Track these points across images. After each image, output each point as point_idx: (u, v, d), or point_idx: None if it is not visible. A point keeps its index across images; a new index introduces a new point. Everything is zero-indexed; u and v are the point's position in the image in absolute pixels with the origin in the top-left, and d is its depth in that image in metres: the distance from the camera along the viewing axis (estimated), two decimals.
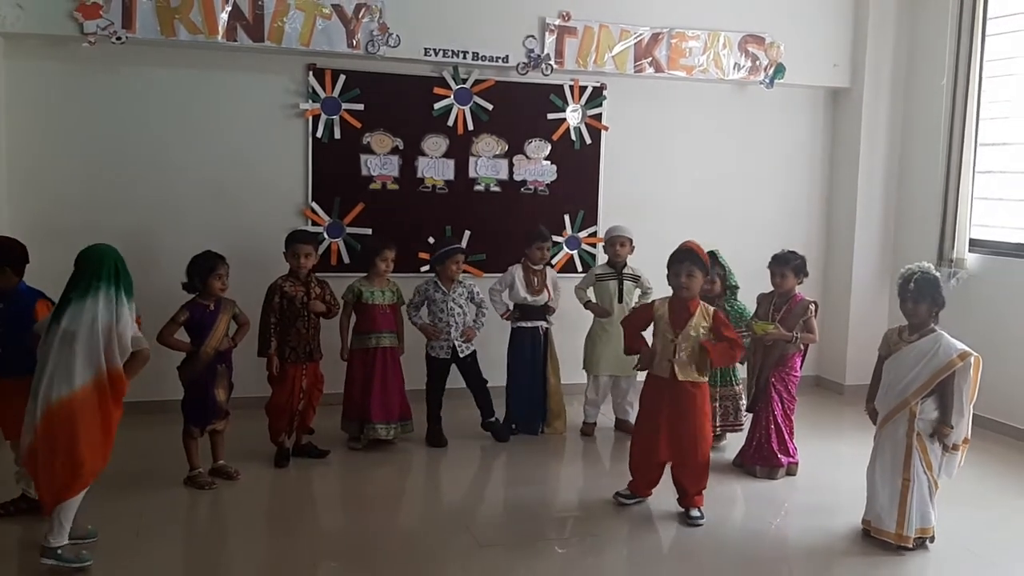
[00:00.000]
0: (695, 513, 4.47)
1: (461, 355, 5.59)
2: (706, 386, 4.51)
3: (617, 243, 5.77)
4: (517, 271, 5.75)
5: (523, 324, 5.73)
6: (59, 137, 5.75)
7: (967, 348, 4.06)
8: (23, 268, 4.26)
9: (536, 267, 5.76)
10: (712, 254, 5.40)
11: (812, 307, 5.07)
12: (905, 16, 6.98)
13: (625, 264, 5.81)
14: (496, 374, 5.80)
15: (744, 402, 5.42)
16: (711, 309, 4.46)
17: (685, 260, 4.39)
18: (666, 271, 4.47)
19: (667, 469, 4.60)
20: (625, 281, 5.77)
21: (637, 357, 4.69)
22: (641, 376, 5.74)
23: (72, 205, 5.76)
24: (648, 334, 4.64)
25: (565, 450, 5.68)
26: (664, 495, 4.66)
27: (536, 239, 5.72)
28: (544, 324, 5.80)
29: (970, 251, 6.37)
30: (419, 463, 5.37)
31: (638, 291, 5.85)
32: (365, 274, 5.47)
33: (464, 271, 6.40)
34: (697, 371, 4.42)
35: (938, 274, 4.18)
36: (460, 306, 5.58)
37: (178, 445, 4.78)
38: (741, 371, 5.45)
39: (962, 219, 6.38)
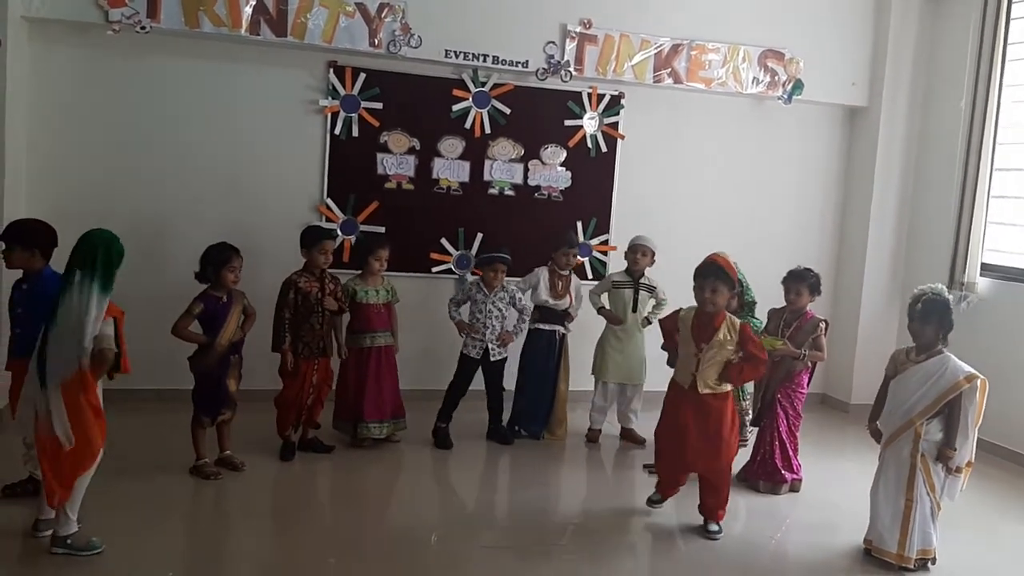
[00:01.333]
0: (713, 527, 4.46)
1: (492, 358, 5.62)
2: (730, 395, 4.45)
3: (639, 252, 5.77)
4: (543, 273, 5.76)
5: (541, 326, 5.74)
6: (79, 123, 5.79)
7: (974, 371, 4.06)
8: (51, 252, 4.29)
9: (562, 272, 5.78)
10: None
11: (823, 325, 5.07)
12: (925, 38, 6.99)
13: (643, 274, 5.81)
14: (508, 374, 5.81)
15: (750, 416, 5.43)
16: (737, 322, 4.39)
17: (710, 275, 4.30)
18: (692, 283, 4.40)
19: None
20: (641, 291, 5.78)
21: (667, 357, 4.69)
22: (647, 386, 5.80)
23: (88, 192, 5.79)
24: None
25: (569, 456, 5.68)
26: (664, 508, 4.69)
27: (565, 244, 5.75)
28: (561, 329, 5.82)
29: (981, 275, 6.37)
30: (422, 463, 5.38)
31: (652, 301, 5.86)
32: (361, 271, 5.45)
33: (474, 273, 6.46)
34: (719, 383, 4.38)
35: (949, 297, 4.18)
36: (500, 309, 5.60)
37: (183, 434, 4.81)
38: (748, 386, 5.46)
39: (975, 243, 6.38)
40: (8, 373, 4.30)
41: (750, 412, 5.41)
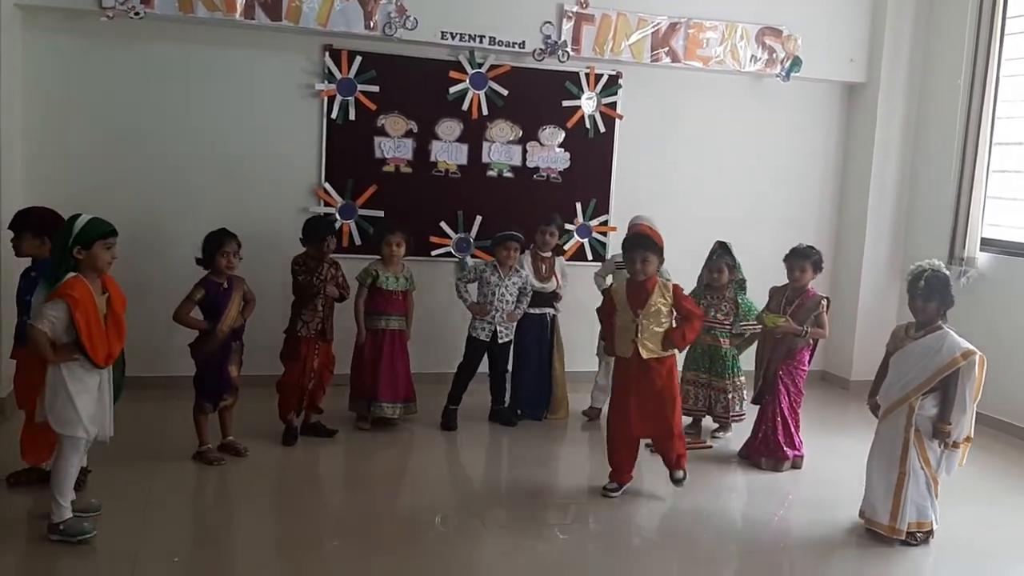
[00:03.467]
0: (679, 475, 4.62)
1: (500, 340, 5.63)
2: (672, 359, 4.59)
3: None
4: (526, 257, 5.76)
5: (531, 311, 5.74)
6: (75, 111, 5.76)
7: (971, 347, 4.06)
8: None
9: (544, 253, 5.78)
10: (723, 244, 5.43)
11: (824, 303, 5.08)
12: (923, 13, 6.94)
13: None
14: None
15: (747, 393, 5.47)
16: (669, 284, 4.55)
17: (639, 247, 4.49)
18: (621, 254, 4.51)
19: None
20: None
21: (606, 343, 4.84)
22: None
23: (85, 179, 5.76)
24: None
25: (570, 436, 5.71)
26: (661, 484, 4.70)
27: (542, 222, 5.74)
28: (551, 311, 5.83)
29: (981, 250, 6.36)
30: (425, 445, 5.40)
31: None
32: (380, 257, 5.47)
33: (475, 256, 6.46)
34: (662, 347, 4.49)
35: (948, 272, 4.18)
36: (511, 294, 5.61)
37: (186, 421, 4.82)
38: (745, 363, 5.49)
39: (974, 218, 6.37)
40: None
41: (748, 388, 5.43)
